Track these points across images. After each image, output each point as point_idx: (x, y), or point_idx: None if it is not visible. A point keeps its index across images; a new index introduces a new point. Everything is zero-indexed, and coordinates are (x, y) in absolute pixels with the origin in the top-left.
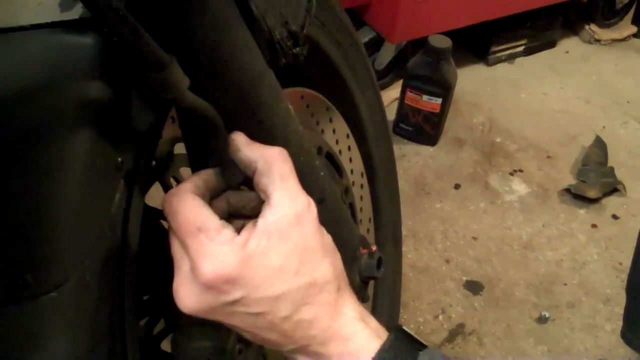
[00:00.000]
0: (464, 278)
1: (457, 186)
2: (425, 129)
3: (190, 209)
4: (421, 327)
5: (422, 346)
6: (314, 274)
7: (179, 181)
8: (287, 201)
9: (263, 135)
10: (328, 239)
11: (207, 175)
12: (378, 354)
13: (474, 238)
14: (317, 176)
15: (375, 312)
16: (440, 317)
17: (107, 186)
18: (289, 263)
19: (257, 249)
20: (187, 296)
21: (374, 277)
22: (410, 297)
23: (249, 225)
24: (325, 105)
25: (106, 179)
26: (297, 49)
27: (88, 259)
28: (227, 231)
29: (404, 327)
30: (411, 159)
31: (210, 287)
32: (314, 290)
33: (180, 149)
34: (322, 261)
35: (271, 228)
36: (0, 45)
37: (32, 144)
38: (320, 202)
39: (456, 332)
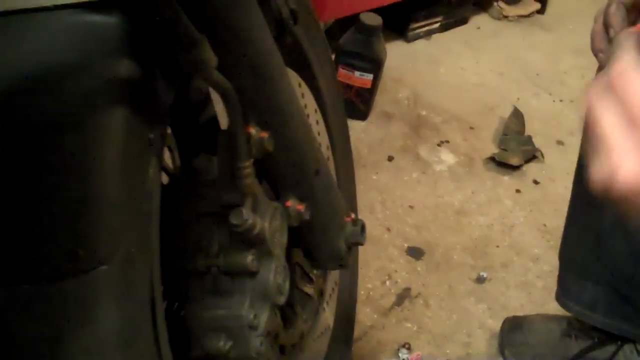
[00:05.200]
0: (406, 245)
1: (390, 158)
2: (356, 104)
3: None
4: (371, 293)
5: None
6: None
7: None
8: None
9: (271, 110)
10: None
11: (636, 47)
12: None
13: (411, 207)
14: (315, 147)
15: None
16: (387, 283)
17: (143, 161)
18: None
19: None
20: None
21: (359, 242)
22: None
23: None
24: (297, 80)
25: (142, 155)
26: (296, 26)
27: (132, 233)
28: None
29: None
30: None
31: None
32: None
33: None
34: None
35: None
36: (24, 27)
37: (72, 123)
38: (316, 173)
39: (403, 295)
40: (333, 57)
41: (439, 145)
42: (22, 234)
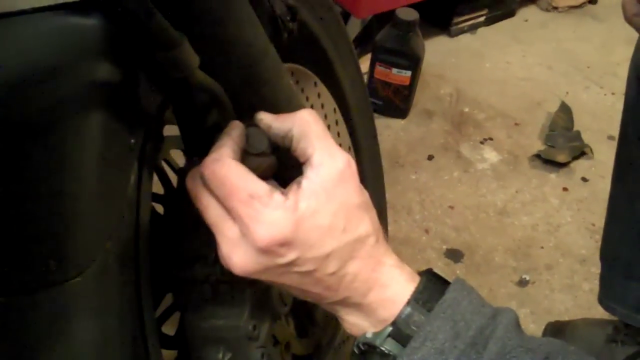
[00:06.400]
0: (444, 247)
1: (430, 157)
2: (395, 102)
3: (237, 176)
4: None
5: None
6: (359, 229)
7: (170, 164)
8: (328, 160)
9: (267, 111)
10: (366, 194)
11: (238, 138)
12: (413, 296)
13: (451, 207)
14: None
15: None
16: None
17: (122, 168)
18: (337, 221)
19: (308, 210)
20: (242, 260)
21: None
22: None
23: (293, 187)
24: (313, 80)
25: (121, 161)
26: (294, 23)
27: (110, 243)
28: (277, 195)
29: (434, 270)
30: (383, 133)
31: (267, 251)
32: (359, 245)
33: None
34: (364, 217)
35: (317, 188)
36: (1, 30)
37: (45, 128)
38: None
39: None
40: (370, 54)
41: (482, 142)
42: None
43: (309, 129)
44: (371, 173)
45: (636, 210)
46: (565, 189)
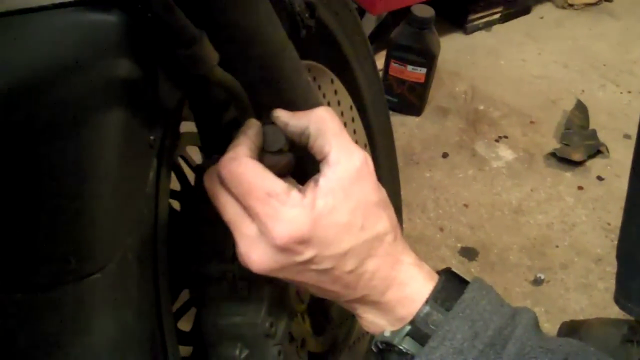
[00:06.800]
0: (459, 245)
1: (444, 155)
2: (410, 99)
3: (254, 174)
4: None
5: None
6: (376, 227)
7: (186, 161)
8: (345, 158)
9: (285, 107)
10: (384, 192)
11: (254, 136)
12: (432, 295)
13: (465, 205)
14: None
15: None
16: None
17: (141, 165)
18: (355, 219)
19: (325, 208)
20: (260, 258)
21: None
22: None
23: (310, 184)
24: (330, 77)
25: (141, 158)
26: (312, 20)
27: (129, 239)
28: (295, 193)
29: (453, 269)
30: (397, 130)
31: (285, 249)
32: (377, 243)
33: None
34: (382, 214)
35: (334, 186)
36: (22, 27)
37: (66, 126)
38: None
39: None
40: (385, 51)
41: (497, 140)
42: (13, 241)
43: (325, 126)
44: (387, 170)
45: None
46: (580, 188)
